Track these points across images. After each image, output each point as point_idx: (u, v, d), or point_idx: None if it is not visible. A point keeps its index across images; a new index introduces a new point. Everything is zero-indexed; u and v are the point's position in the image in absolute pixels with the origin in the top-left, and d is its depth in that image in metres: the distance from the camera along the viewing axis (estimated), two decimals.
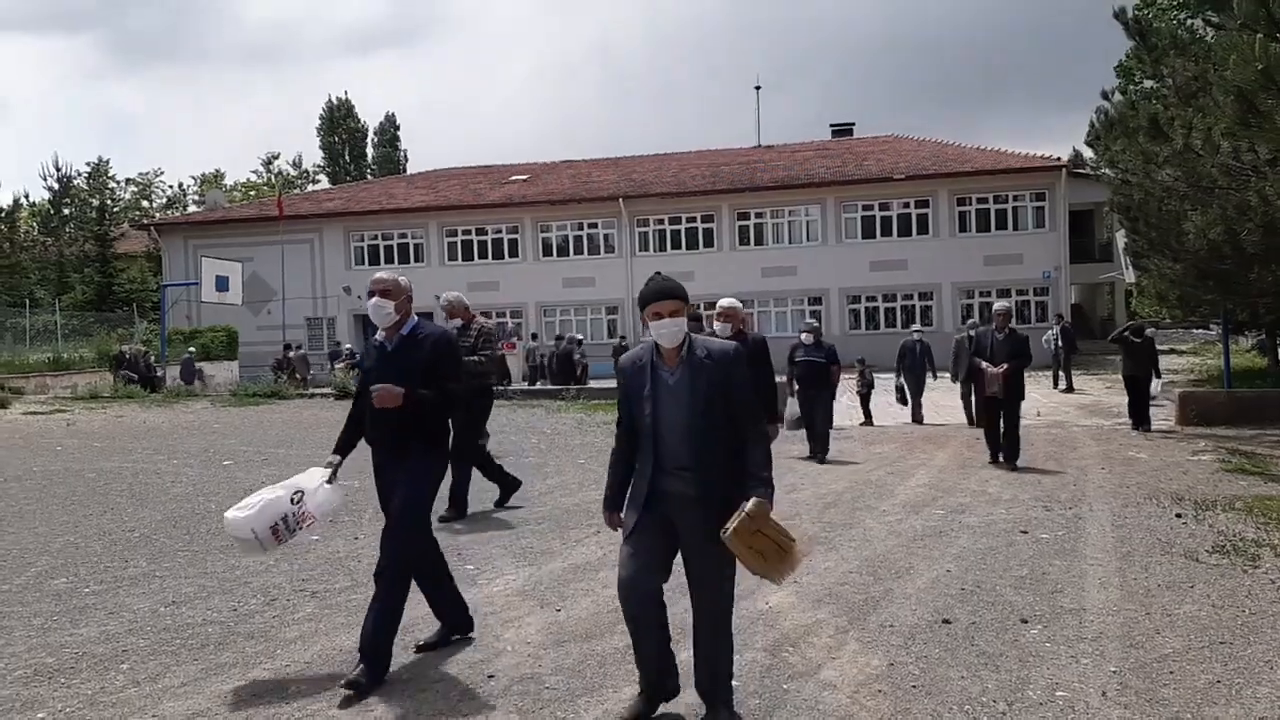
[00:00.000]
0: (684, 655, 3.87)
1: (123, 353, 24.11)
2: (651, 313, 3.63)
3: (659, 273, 3.99)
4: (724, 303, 7.30)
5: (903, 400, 15.99)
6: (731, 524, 3.39)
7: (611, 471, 3.86)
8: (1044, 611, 5.10)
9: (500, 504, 8.25)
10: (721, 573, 3.60)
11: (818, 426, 11.05)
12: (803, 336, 11.50)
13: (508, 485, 8.36)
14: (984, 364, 10.34)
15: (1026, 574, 5.86)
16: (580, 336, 28.07)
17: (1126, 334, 13.86)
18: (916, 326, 18.89)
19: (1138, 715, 3.79)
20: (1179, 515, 7.52)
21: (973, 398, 13.53)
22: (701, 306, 32.76)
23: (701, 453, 3.53)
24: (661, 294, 3.62)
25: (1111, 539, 6.78)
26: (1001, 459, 10.33)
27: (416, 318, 4.67)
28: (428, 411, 4.43)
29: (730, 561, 3.55)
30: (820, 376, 11.17)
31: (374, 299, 4.52)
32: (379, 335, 4.65)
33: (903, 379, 15.89)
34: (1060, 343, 21.84)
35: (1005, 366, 10.12)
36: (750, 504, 3.41)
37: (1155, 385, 14.18)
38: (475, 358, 7.66)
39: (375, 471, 4.55)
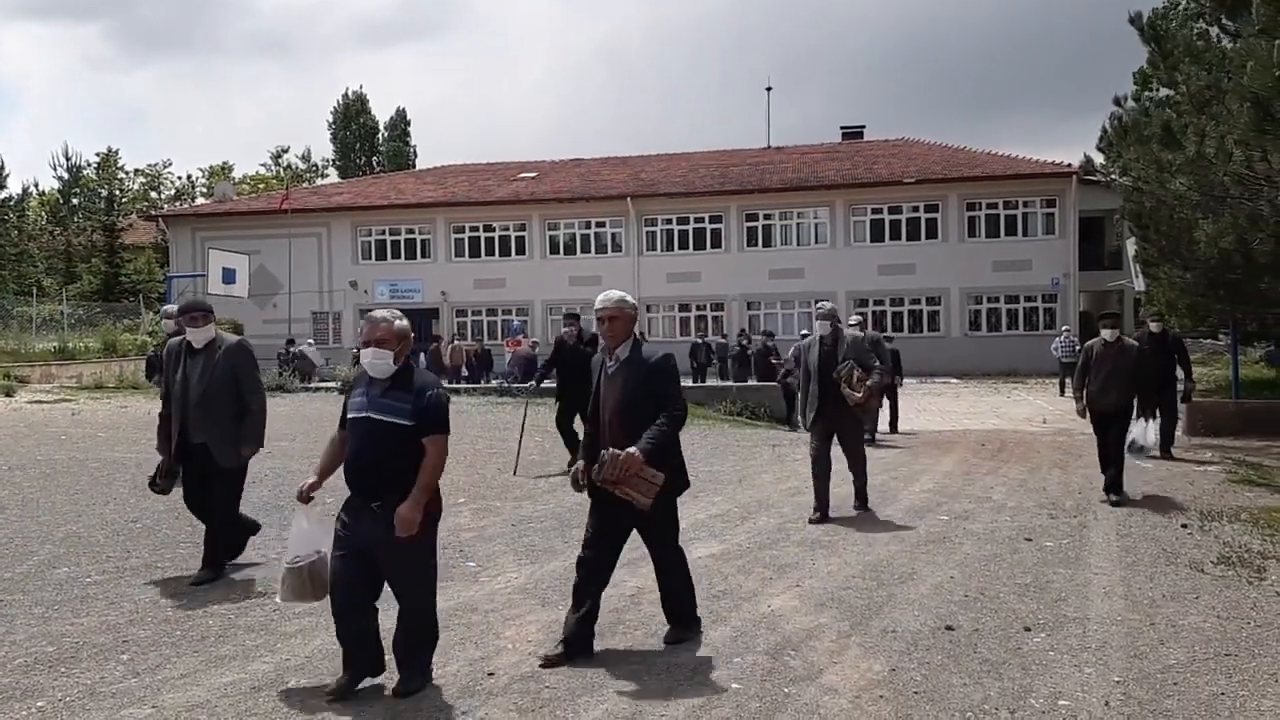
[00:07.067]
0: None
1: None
2: None
3: None
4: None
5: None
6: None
7: None
8: (1047, 620, 5.07)
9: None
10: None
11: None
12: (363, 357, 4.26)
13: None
14: None
15: (1030, 582, 5.83)
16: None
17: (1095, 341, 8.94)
18: (888, 333, 18.32)
19: None
20: (1185, 526, 7.48)
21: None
22: (709, 308, 32.95)
23: None
24: None
25: (1116, 548, 6.74)
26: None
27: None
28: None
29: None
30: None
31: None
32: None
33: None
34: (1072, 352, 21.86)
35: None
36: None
37: (1140, 431, 9.08)
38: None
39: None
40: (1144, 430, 9.17)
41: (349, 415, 4.12)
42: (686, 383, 24.84)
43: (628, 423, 4.43)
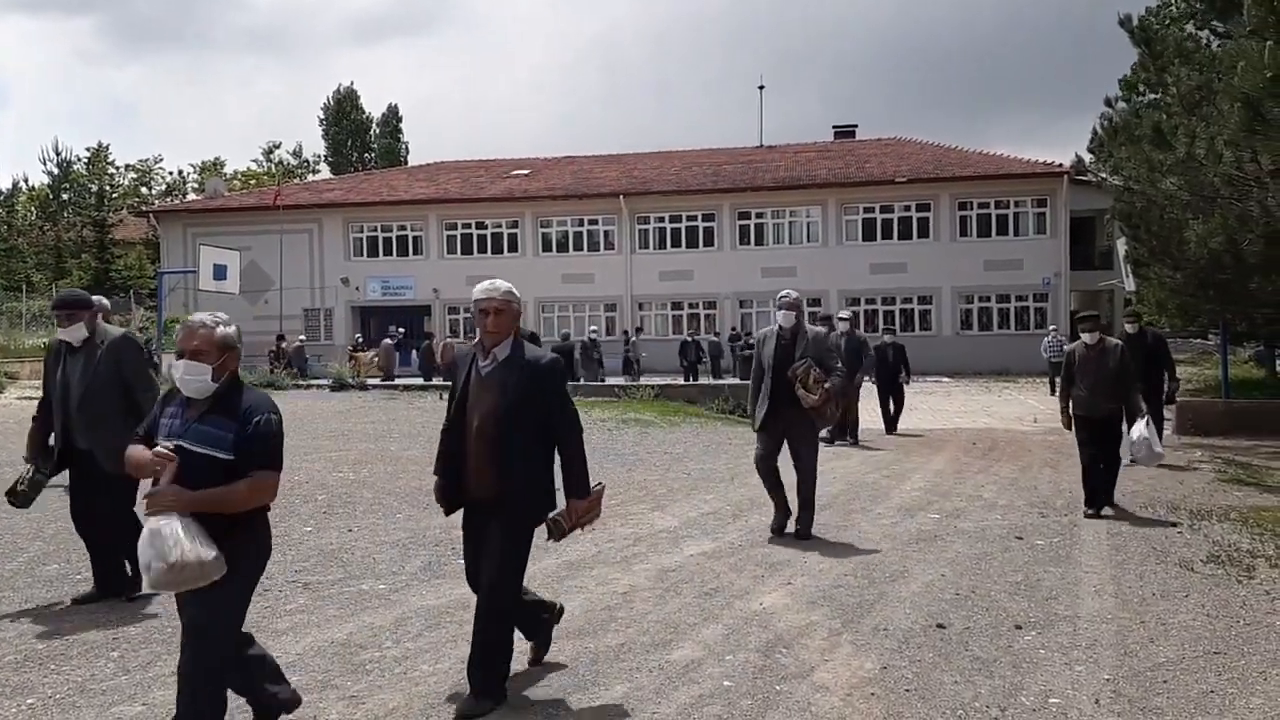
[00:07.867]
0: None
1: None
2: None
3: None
4: None
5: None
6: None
7: None
8: (1038, 618, 5.09)
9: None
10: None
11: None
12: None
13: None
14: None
15: (1021, 580, 5.85)
16: (596, 331, 27.82)
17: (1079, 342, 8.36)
18: (892, 328, 18.27)
19: None
20: (1175, 524, 7.52)
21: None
22: (701, 306, 32.96)
23: None
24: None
25: (1107, 546, 6.77)
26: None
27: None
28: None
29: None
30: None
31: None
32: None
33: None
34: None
35: None
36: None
37: (1139, 429, 7.97)
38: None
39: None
40: (1144, 437, 8.03)
41: (156, 441, 3.28)
42: (677, 381, 24.88)
43: (503, 425, 3.89)
